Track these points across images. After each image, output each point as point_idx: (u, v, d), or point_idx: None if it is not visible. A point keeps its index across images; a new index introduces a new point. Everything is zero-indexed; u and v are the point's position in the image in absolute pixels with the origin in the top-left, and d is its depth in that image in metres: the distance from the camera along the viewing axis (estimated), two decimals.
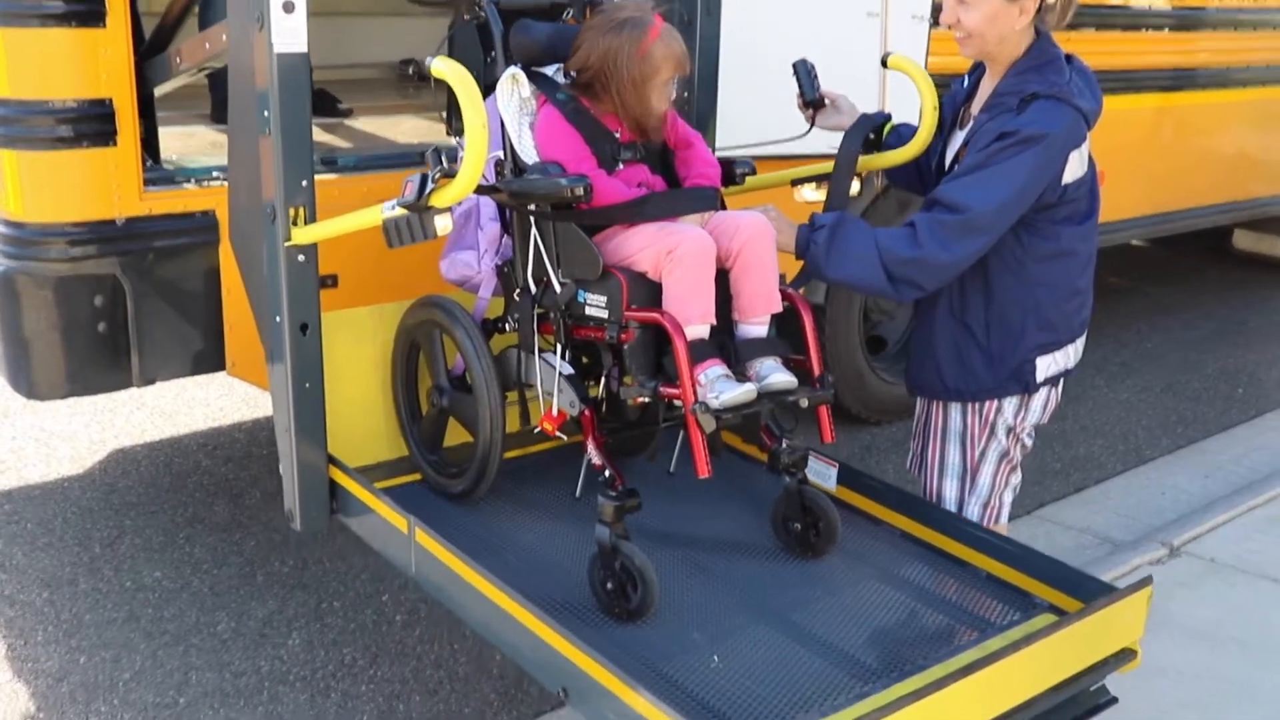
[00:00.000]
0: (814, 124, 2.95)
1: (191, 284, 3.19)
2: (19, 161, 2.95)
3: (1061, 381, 2.85)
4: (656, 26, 2.59)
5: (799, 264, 2.71)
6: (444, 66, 2.21)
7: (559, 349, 2.65)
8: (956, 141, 2.78)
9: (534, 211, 2.55)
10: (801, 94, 2.95)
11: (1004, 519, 2.89)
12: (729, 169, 2.82)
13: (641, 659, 2.34)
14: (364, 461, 3.03)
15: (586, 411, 2.61)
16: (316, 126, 4.22)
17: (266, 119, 2.52)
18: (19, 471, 4.46)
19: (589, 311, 2.55)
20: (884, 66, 3.00)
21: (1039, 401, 2.81)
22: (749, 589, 2.65)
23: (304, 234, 2.57)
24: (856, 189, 2.93)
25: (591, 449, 2.59)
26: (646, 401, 2.51)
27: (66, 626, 3.48)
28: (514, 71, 2.56)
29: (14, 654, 3.34)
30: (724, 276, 2.57)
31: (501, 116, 2.55)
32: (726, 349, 2.51)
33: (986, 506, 2.85)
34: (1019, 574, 2.66)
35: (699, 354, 2.42)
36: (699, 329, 2.45)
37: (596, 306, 2.53)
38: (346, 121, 4.55)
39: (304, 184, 2.57)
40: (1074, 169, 2.61)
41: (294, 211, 2.57)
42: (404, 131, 4.45)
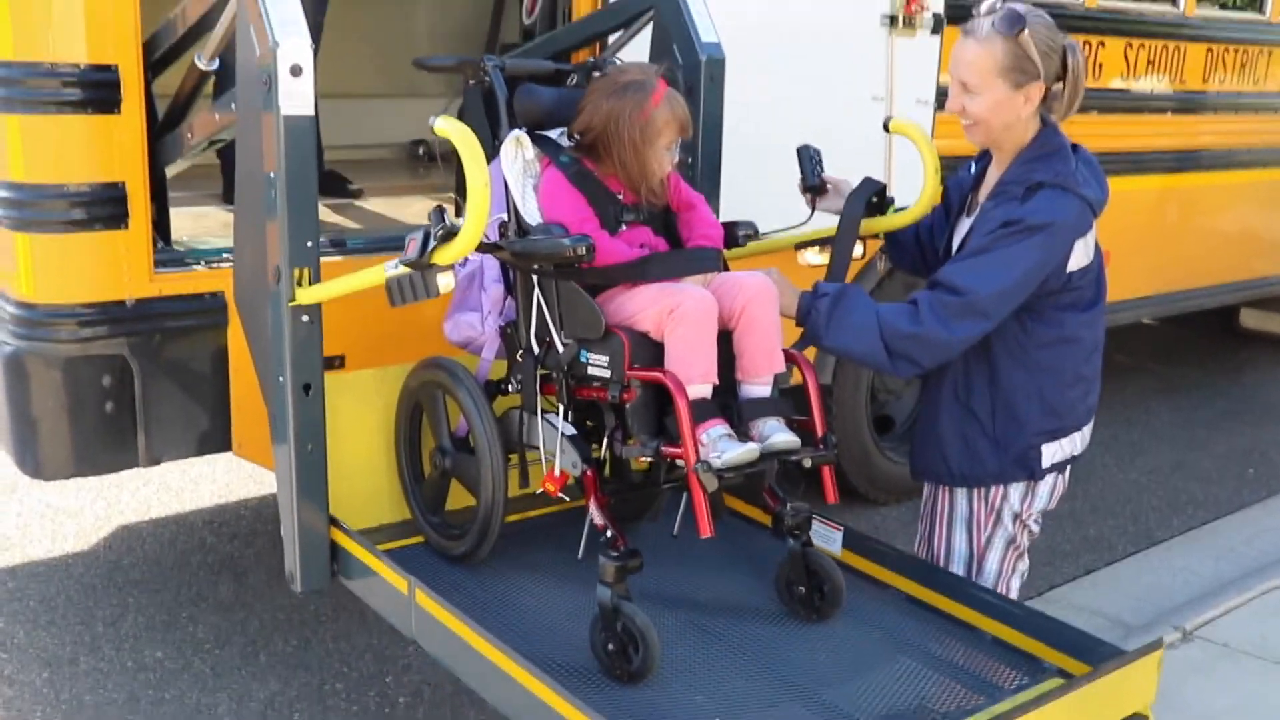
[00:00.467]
0: (815, 209, 2.98)
1: (199, 365, 3.20)
2: (31, 244, 2.97)
3: (1069, 468, 2.83)
4: (660, 91, 2.62)
5: (798, 332, 2.71)
6: (446, 125, 2.24)
7: (561, 410, 2.65)
8: (963, 228, 2.79)
9: (537, 271, 2.56)
10: (804, 179, 2.98)
11: None
12: (731, 231, 2.84)
13: None
14: (367, 524, 3.03)
15: (589, 472, 2.61)
16: (326, 207, 4.31)
17: (273, 180, 2.55)
18: (24, 548, 4.45)
19: (591, 371, 2.55)
20: (886, 131, 3.04)
21: (1046, 488, 2.79)
22: (752, 652, 2.63)
23: (308, 294, 2.59)
24: (859, 252, 2.95)
25: (593, 509, 2.58)
26: (649, 461, 2.50)
27: (66, 708, 3.45)
28: (518, 134, 2.59)
29: None
30: (727, 337, 2.57)
31: (505, 178, 2.57)
32: (729, 409, 2.51)
33: None
34: (1026, 638, 2.63)
35: (701, 413, 2.41)
36: (701, 389, 2.45)
37: (599, 366, 2.53)
38: (356, 202, 4.59)
39: (309, 245, 2.59)
40: (1079, 257, 2.62)
41: (299, 272, 2.58)
42: (414, 213, 4.49)
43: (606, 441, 2.62)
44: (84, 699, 3.50)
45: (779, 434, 2.49)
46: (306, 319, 2.63)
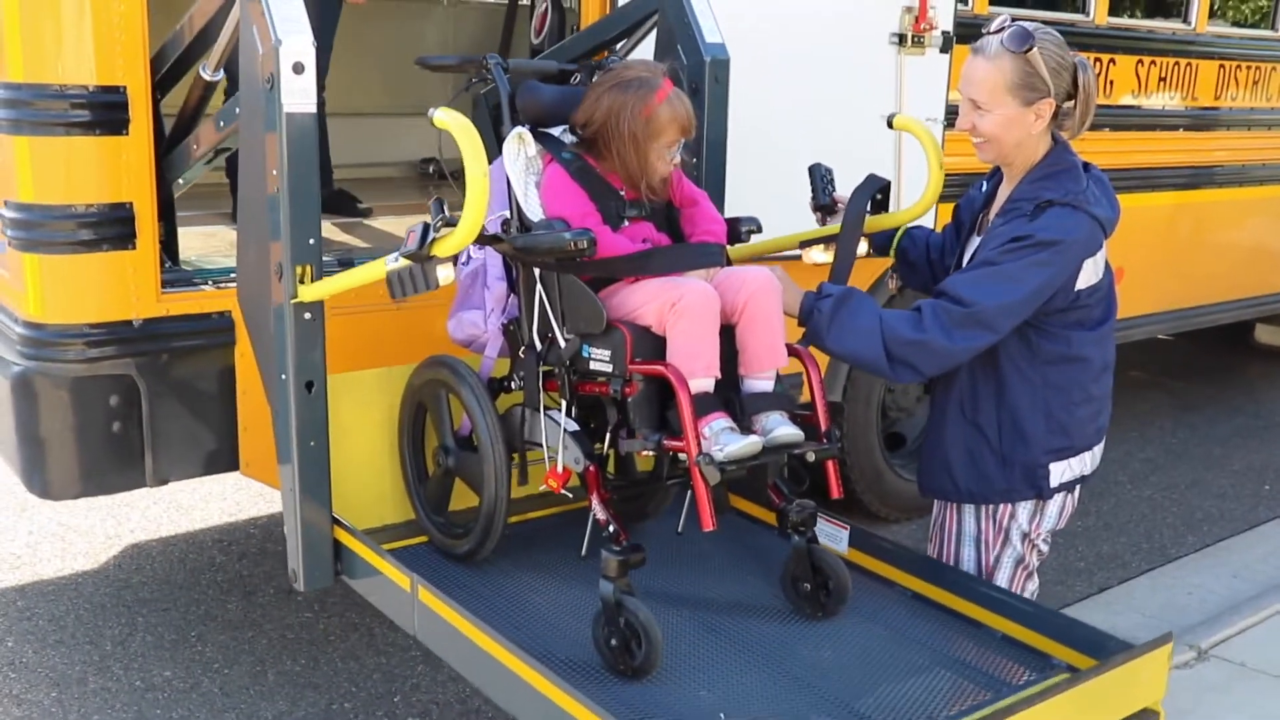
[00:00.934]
0: (824, 226, 2.97)
1: (206, 384, 3.21)
2: (40, 265, 2.98)
3: (1078, 488, 2.81)
4: (664, 89, 2.61)
5: (801, 328, 2.70)
6: (446, 116, 2.23)
7: (564, 405, 2.64)
8: (974, 246, 2.78)
9: (540, 264, 2.56)
10: (815, 197, 2.97)
11: None
12: (734, 227, 2.83)
13: (648, 717, 2.30)
14: (370, 524, 3.03)
15: (591, 468, 2.60)
16: (335, 226, 4.31)
17: (275, 176, 2.56)
18: (34, 567, 4.45)
19: (593, 366, 2.54)
20: (890, 127, 3.02)
21: (1055, 507, 2.77)
22: (757, 648, 2.61)
23: (310, 291, 2.59)
24: (864, 250, 2.95)
25: (596, 504, 2.57)
26: (651, 454, 2.49)
27: None
28: (520, 131, 2.58)
29: None
30: (730, 332, 2.56)
31: (508, 175, 2.57)
32: (732, 404, 2.50)
33: None
34: (1036, 635, 2.61)
35: (703, 407, 2.40)
36: (703, 382, 2.44)
37: (600, 361, 2.52)
38: (366, 221, 4.59)
39: (311, 242, 2.60)
40: (1088, 276, 2.60)
41: (301, 269, 2.59)
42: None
43: (609, 437, 2.61)
44: (92, 719, 3.49)
45: (782, 427, 2.48)
46: (309, 316, 2.63)
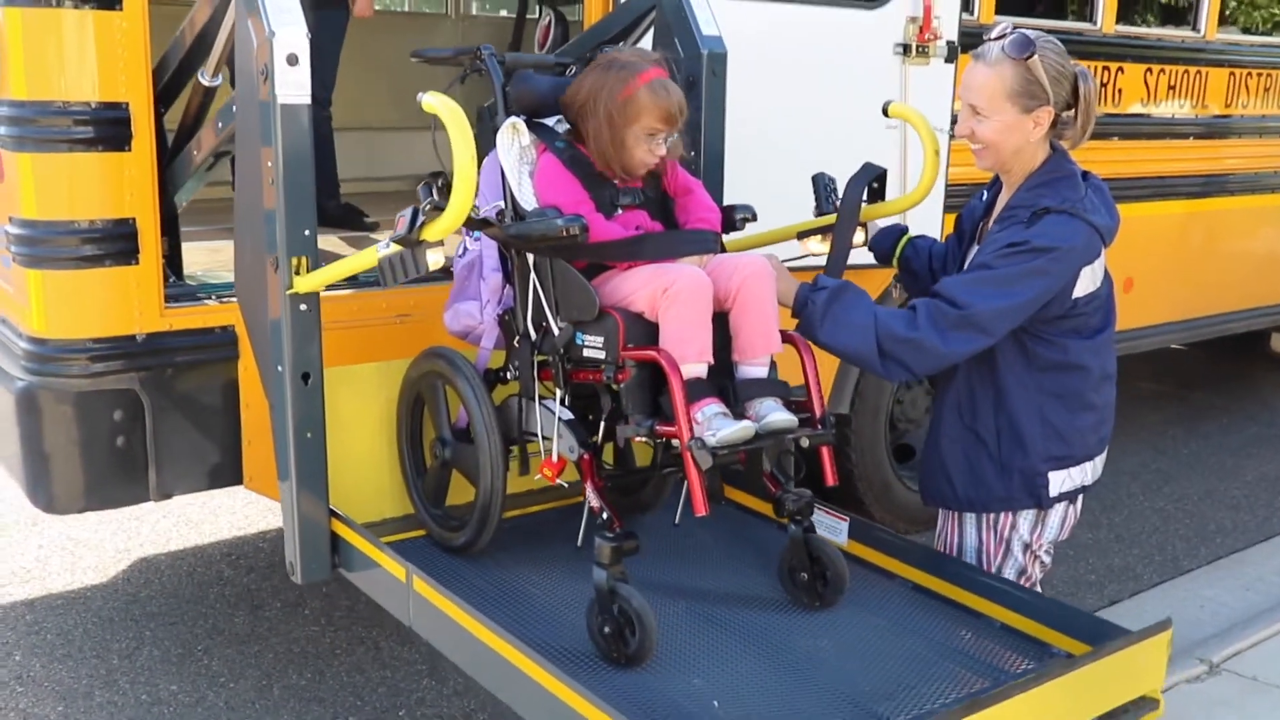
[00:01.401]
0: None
1: (210, 398, 3.21)
2: (43, 280, 2.99)
3: (1080, 498, 2.79)
4: (648, 74, 2.61)
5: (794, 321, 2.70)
6: (434, 100, 2.24)
7: (558, 394, 2.65)
8: (973, 255, 2.77)
9: (534, 250, 2.56)
10: (818, 207, 2.96)
11: None
12: (729, 215, 2.83)
13: (641, 704, 2.30)
14: (369, 518, 3.03)
15: (586, 455, 2.60)
16: (341, 240, 4.32)
17: (270, 169, 2.57)
18: (43, 581, 4.46)
19: (587, 353, 2.55)
20: (885, 115, 3.03)
21: (1056, 518, 2.75)
22: (753, 638, 2.61)
23: (306, 282, 2.60)
24: (860, 239, 2.95)
25: (590, 491, 2.57)
26: (650, 447, 2.47)
27: None
28: (514, 120, 2.59)
29: None
30: (724, 319, 2.56)
31: (501, 165, 2.58)
32: (726, 390, 2.50)
33: None
34: (1035, 623, 2.60)
35: (696, 392, 2.40)
36: (696, 367, 2.43)
37: (594, 348, 2.53)
38: (372, 235, 4.61)
39: (306, 233, 2.61)
40: (1085, 284, 2.59)
41: (297, 261, 2.60)
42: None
43: (604, 425, 2.61)
44: None
45: (775, 413, 2.47)
46: (305, 307, 2.64)
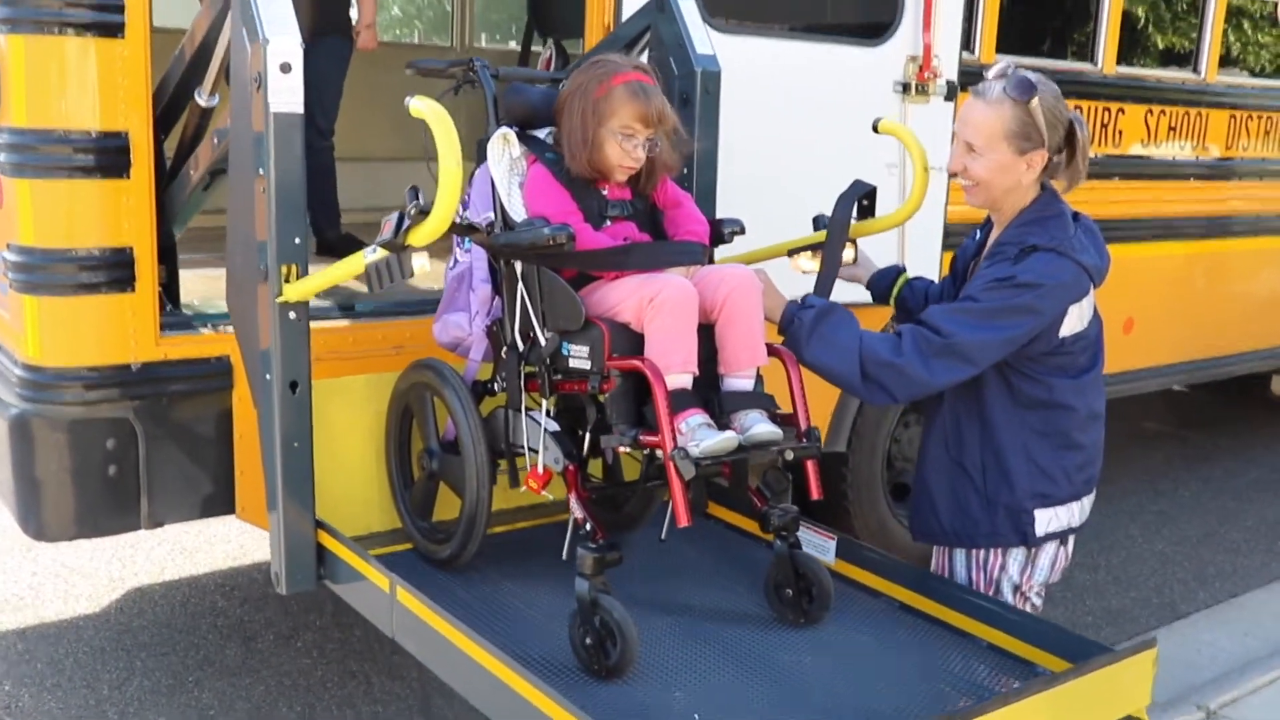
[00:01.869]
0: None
1: (203, 428, 3.20)
2: (39, 307, 2.99)
3: (1071, 539, 2.79)
4: (628, 74, 2.63)
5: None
6: (421, 105, 2.25)
7: (544, 405, 2.65)
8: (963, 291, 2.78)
9: (522, 258, 2.57)
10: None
11: None
12: (717, 228, 2.84)
13: (621, 715, 2.30)
14: (357, 531, 3.03)
15: (570, 467, 2.60)
16: None
17: (262, 176, 2.58)
18: (36, 609, 4.44)
19: (573, 363, 2.56)
20: (875, 131, 3.05)
21: (1046, 559, 2.75)
22: (737, 653, 2.61)
23: (295, 290, 2.61)
24: (850, 256, 2.96)
25: (574, 502, 2.57)
26: (629, 453, 2.49)
27: None
28: (505, 131, 2.61)
29: None
30: (710, 332, 2.56)
31: (492, 176, 2.59)
32: (711, 403, 2.50)
33: None
34: (1021, 643, 2.59)
35: (680, 403, 2.40)
36: (681, 378, 2.43)
37: (579, 357, 2.53)
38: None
39: (296, 241, 2.61)
40: (1073, 323, 2.60)
41: (286, 269, 2.60)
42: (430, 276, 4.49)
43: (589, 436, 2.61)
44: None
45: (760, 425, 2.47)
46: (294, 316, 2.64)
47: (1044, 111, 2.55)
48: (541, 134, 2.79)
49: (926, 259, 4.21)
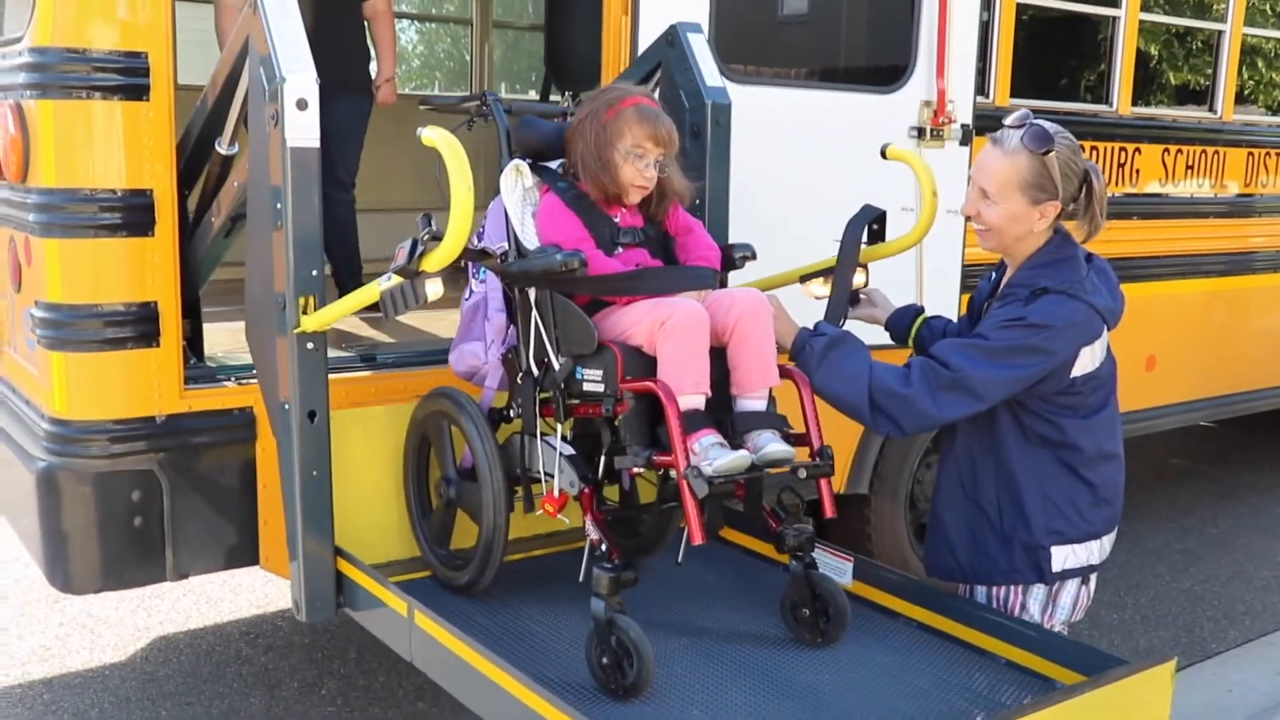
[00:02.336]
0: (848, 317, 2.99)
1: (227, 479, 3.23)
2: (66, 362, 3.04)
3: (1094, 578, 2.78)
4: (637, 99, 2.69)
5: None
6: (433, 134, 2.29)
7: (559, 429, 2.68)
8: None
9: (535, 285, 2.60)
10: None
11: None
12: (728, 253, 2.88)
13: None
14: (376, 560, 3.05)
15: (586, 490, 2.63)
16: (361, 321, 4.36)
17: (279, 211, 2.62)
18: (62, 659, 4.46)
19: (586, 387, 2.59)
20: (884, 157, 3.07)
21: (1068, 598, 2.74)
22: (754, 672, 2.61)
23: (312, 321, 2.64)
24: (861, 280, 2.99)
25: (589, 524, 2.59)
26: (642, 474, 2.52)
27: None
28: (518, 163, 2.66)
29: None
30: (722, 355, 2.59)
31: (505, 206, 2.63)
32: (724, 424, 2.52)
33: None
34: (1041, 660, 2.59)
35: (693, 423, 2.43)
36: (693, 399, 2.46)
37: (593, 381, 2.56)
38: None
39: (314, 274, 2.65)
40: (1085, 364, 2.61)
41: (304, 301, 2.64)
42: (448, 326, 4.53)
43: (604, 459, 2.64)
44: None
45: (773, 444, 2.49)
46: (311, 346, 2.68)
47: (1060, 164, 2.56)
48: (553, 165, 2.84)
49: (945, 299, 4.22)
